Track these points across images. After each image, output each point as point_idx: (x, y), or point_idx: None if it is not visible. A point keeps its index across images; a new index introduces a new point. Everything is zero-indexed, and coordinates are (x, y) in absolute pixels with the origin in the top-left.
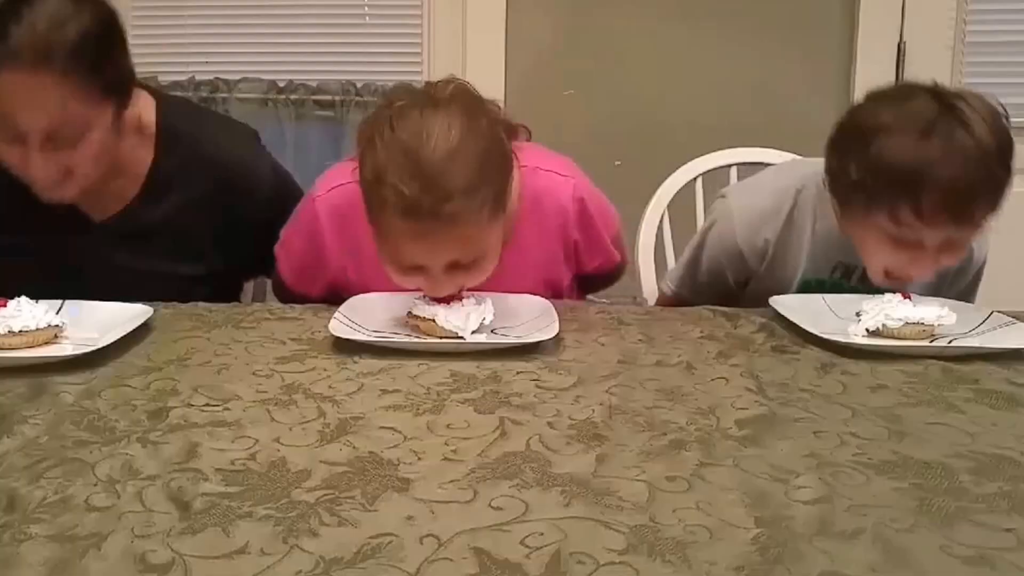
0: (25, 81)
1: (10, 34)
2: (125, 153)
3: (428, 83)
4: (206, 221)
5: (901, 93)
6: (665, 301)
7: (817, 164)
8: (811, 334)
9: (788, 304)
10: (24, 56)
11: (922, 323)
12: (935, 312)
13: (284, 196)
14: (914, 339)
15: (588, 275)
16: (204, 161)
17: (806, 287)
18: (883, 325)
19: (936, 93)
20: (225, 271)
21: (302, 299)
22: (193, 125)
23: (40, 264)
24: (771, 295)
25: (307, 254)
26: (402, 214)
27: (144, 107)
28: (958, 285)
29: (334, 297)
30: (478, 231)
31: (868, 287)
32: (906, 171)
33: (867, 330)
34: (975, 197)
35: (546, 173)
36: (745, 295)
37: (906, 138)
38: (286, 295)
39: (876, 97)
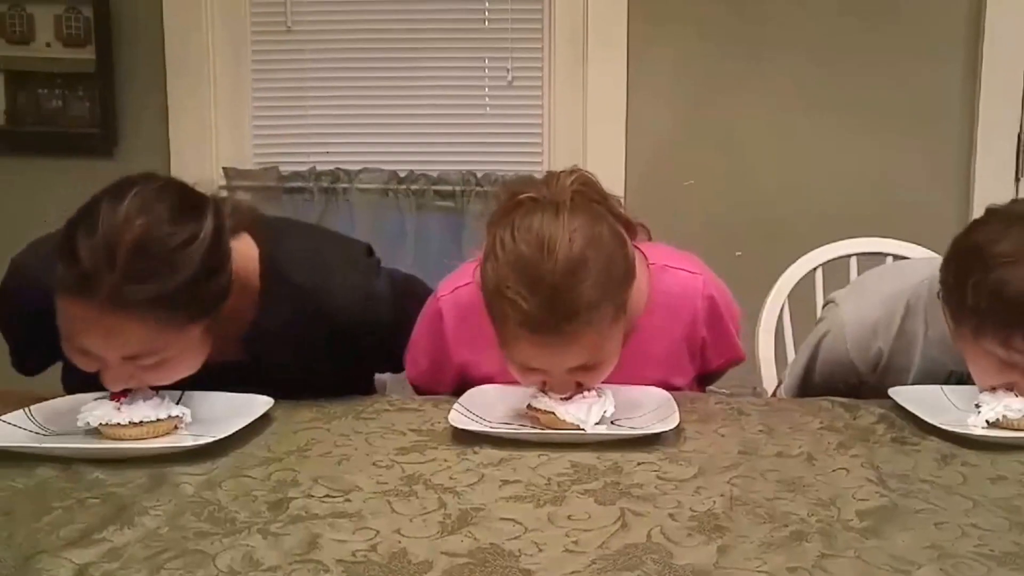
0: (99, 319)
1: (98, 276)
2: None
3: (550, 174)
4: (316, 358)
5: (1021, 217)
6: None
7: (927, 268)
8: (931, 425)
9: (908, 395)
10: (99, 297)
11: None
12: None
13: (405, 322)
14: None
15: (707, 372)
16: (312, 315)
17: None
18: (1003, 416)
19: None
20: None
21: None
22: (301, 274)
23: None
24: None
25: (432, 353)
26: (523, 327)
27: (245, 256)
28: None
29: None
30: (599, 341)
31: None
32: (1009, 304)
33: (987, 421)
34: None
35: (675, 271)
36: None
37: (1009, 267)
38: (418, 393)
39: (996, 217)
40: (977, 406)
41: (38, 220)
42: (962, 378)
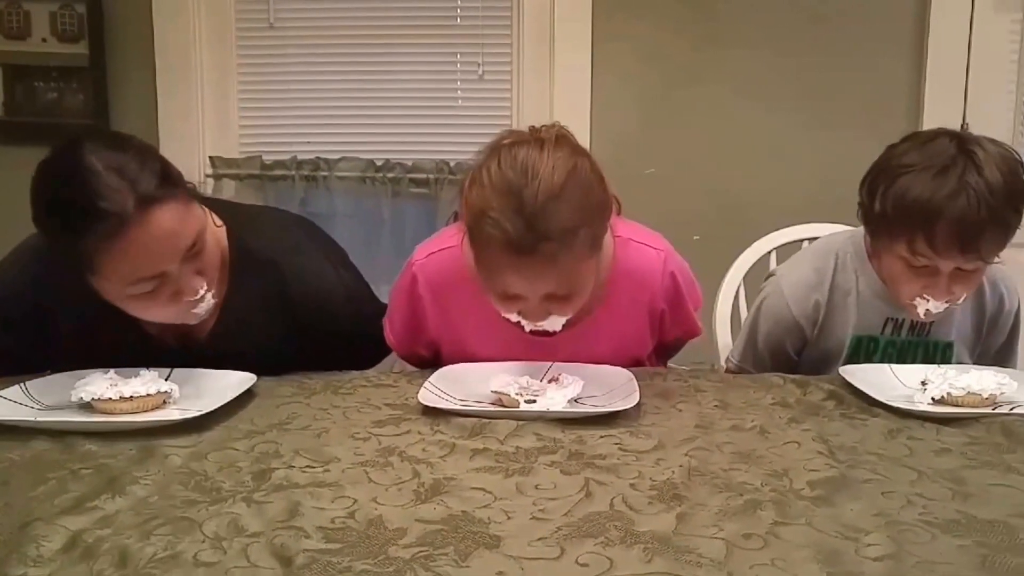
0: (149, 225)
1: (109, 204)
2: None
3: (532, 127)
4: (284, 332)
5: (927, 136)
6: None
7: (851, 231)
8: (878, 402)
9: (857, 374)
10: (130, 210)
11: (983, 392)
12: (995, 380)
13: (359, 310)
14: (977, 407)
15: (665, 343)
16: (276, 291)
17: (858, 344)
18: (948, 393)
19: (958, 137)
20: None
21: (416, 361)
22: (268, 250)
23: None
24: (828, 356)
25: (408, 318)
26: (504, 249)
27: (212, 228)
28: (995, 340)
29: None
30: (575, 268)
31: (918, 340)
32: (922, 206)
33: (932, 398)
34: (982, 232)
35: (638, 245)
36: (802, 360)
37: (925, 176)
38: (400, 356)
39: (906, 138)
40: (923, 384)
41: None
42: (899, 324)
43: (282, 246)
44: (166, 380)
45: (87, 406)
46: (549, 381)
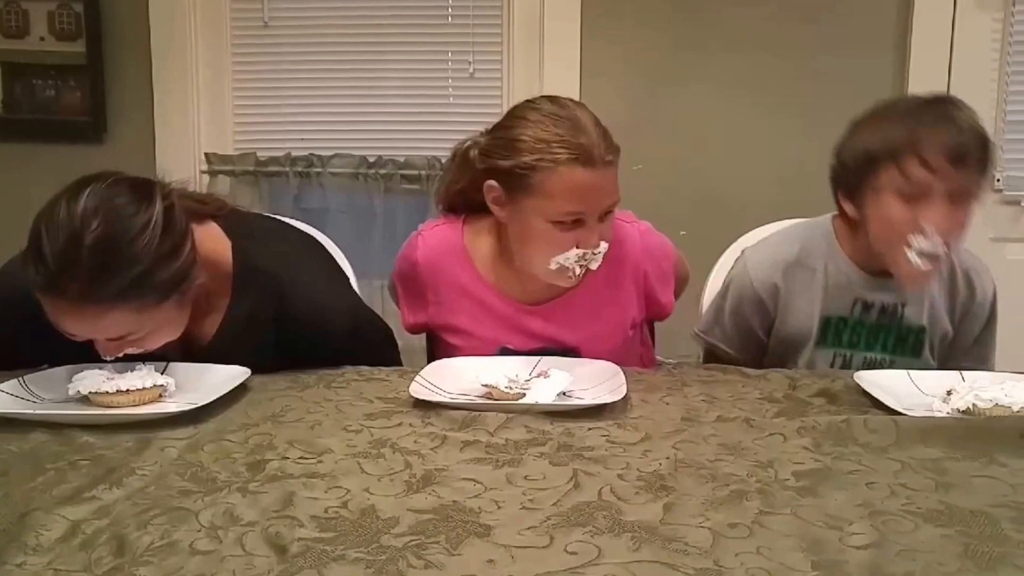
0: (77, 312)
1: (66, 277)
2: (200, 297)
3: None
4: (282, 348)
5: (892, 99)
6: (705, 350)
7: (818, 219)
8: (897, 411)
9: (873, 380)
10: (71, 296)
11: (1013, 405)
12: None
13: (361, 336)
14: None
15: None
16: (276, 306)
17: (827, 324)
18: (973, 405)
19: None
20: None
21: (423, 328)
22: (270, 264)
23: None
24: (797, 337)
25: (408, 280)
26: (578, 164)
27: (215, 239)
28: (971, 328)
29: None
30: (617, 182)
31: (890, 322)
32: (908, 131)
33: (957, 410)
34: (968, 148)
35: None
36: (772, 341)
37: (905, 113)
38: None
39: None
40: (948, 393)
41: (33, 201)
42: (868, 305)
43: (284, 263)
44: (162, 374)
45: (84, 399)
46: (538, 375)
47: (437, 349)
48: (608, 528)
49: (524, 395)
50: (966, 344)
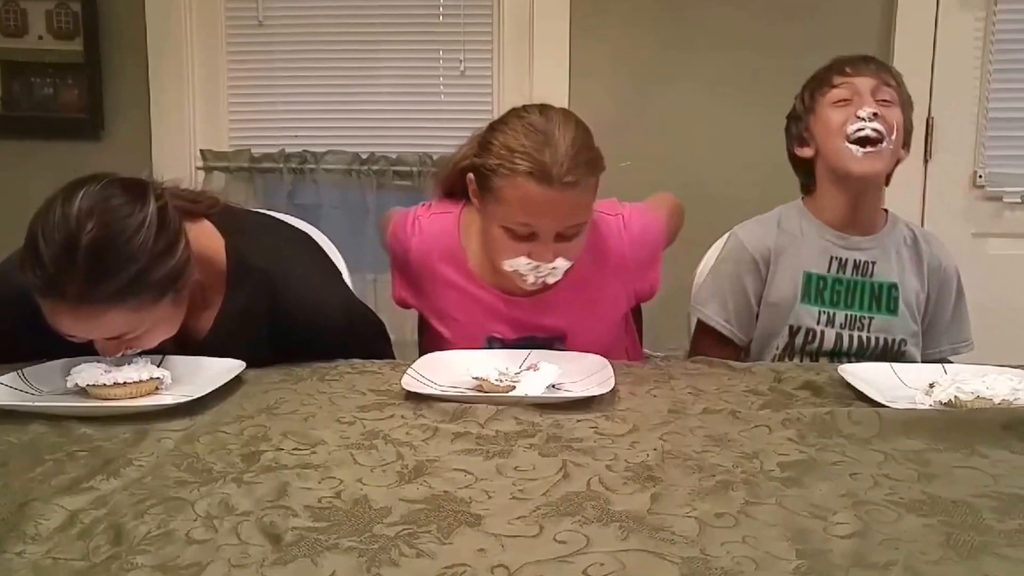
0: (75, 313)
1: (64, 280)
2: (195, 293)
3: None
4: (276, 344)
5: None
6: (697, 329)
7: (789, 202)
8: (881, 404)
9: (857, 373)
10: (69, 298)
11: (994, 398)
12: (1008, 386)
13: (354, 331)
14: None
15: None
16: (268, 303)
17: (809, 280)
18: (955, 398)
19: None
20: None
21: (410, 305)
22: (263, 262)
23: None
24: (784, 298)
25: (400, 261)
26: (533, 179)
27: (209, 237)
28: (947, 302)
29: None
30: (583, 208)
31: (864, 279)
32: (832, 61)
33: (939, 402)
34: (875, 59)
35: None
36: (763, 304)
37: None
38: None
39: None
40: (931, 385)
41: (32, 197)
42: (843, 263)
43: (276, 260)
44: (158, 367)
45: (82, 392)
46: (528, 368)
47: (427, 337)
48: (596, 518)
49: (514, 388)
50: (945, 320)
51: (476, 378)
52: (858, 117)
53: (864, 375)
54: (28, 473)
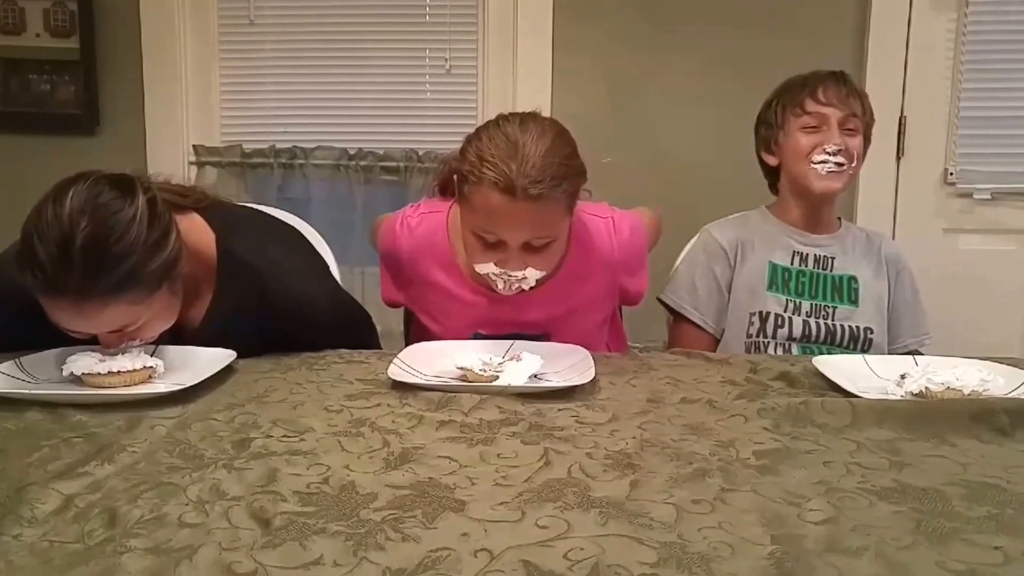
0: (76, 309)
1: (61, 279)
2: (188, 286)
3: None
4: (266, 337)
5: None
6: (672, 319)
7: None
8: (854, 395)
9: (830, 364)
10: (69, 296)
11: (963, 388)
12: (977, 377)
13: (342, 323)
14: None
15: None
16: (258, 296)
17: (775, 271)
18: (926, 388)
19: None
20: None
21: (400, 304)
22: (252, 256)
23: None
24: (752, 285)
25: (390, 260)
26: (498, 190)
27: (199, 230)
28: (905, 295)
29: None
30: (554, 219)
31: (824, 272)
32: (801, 79)
33: (911, 393)
34: (847, 80)
35: (589, 217)
36: (732, 291)
37: (799, 77)
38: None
39: None
40: (903, 376)
41: (30, 191)
42: (804, 257)
43: (265, 255)
44: (151, 356)
45: (77, 380)
46: (511, 359)
47: (413, 329)
48: (577, 504)
49: (497, 377)
50: (906, 312)
51: (460, 367)
52: (825, 151)
53: (838, 366)
54: (25, 459)
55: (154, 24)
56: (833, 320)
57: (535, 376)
